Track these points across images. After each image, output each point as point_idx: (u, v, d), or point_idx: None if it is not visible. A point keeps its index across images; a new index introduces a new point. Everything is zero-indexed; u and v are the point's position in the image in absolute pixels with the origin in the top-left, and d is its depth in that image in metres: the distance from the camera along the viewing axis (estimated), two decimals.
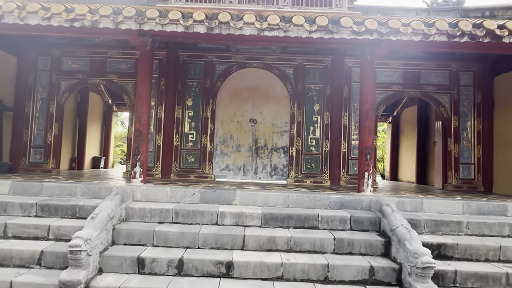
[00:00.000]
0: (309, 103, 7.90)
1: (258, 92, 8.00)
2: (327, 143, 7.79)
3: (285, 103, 7.97)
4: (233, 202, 5.06)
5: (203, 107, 7.86)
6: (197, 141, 7.82)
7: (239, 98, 8.00)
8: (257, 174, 7.88)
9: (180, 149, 7.79)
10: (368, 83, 5.67)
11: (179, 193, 5.09)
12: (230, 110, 7.98)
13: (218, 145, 7.93)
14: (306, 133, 7.84)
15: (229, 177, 7.87)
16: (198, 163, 7.77)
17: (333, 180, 7.66)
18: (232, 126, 7.96)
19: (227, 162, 7.90)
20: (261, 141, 7.93)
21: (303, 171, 7.76)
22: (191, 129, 7.84)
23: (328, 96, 7.89)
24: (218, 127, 7.95)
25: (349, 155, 7.78)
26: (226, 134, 7.95)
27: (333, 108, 7.83)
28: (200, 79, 7.93)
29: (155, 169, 7.67)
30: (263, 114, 7.97)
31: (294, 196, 5.08)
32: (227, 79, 7.99)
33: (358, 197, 5.10)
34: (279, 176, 7.88)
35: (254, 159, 7.90)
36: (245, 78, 8.02)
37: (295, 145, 7.79)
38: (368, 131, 5.60)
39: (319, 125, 7.85)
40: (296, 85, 7.91)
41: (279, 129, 7.95)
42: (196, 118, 7.86)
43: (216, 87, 7.92)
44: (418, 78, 7.98)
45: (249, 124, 7.95)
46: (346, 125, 7.82)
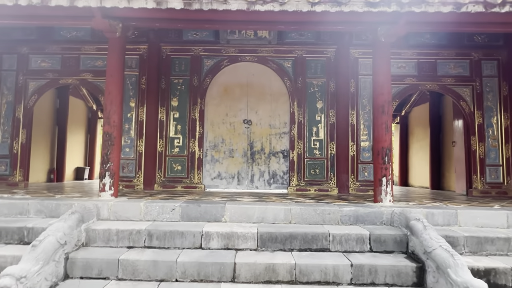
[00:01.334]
0: (311, 100, 7.00)
1: (253, 89, 7.11)
2: (333, 145, 6.87)
3: (284, 100, 7.07)
4: (222, 219, 4.12)
5: (190, 108, 6.96)
6: (184, 146, 6.90)
7: (231, 96, 7.10)
8: (254, 182, 6.95)
9: (164, 156, 6.87)
10: (383, 70, 4.77)
11: (156, 209, 4.16)
12: (221, 110, 7.07)
13: (208, 151, 7.00)
14: (308, 135, 6.93)
15: (222, 186, 6.93)
16: (186, 172, 6.84)
17: (341, 187, 6.72)
18: (224, 129, 7.04)
19: (218, 169, 6.97)
20: (257, 144, 7.01)
21: (306, 178, 6.83)
22: (177, 133, 6.93)
23: (332, 92, 6.99)
24: (207, 130, 7.04)
25: (358, 159, 6.86)
26: (217, 137, 7.03)
27: (338, 106, 6.93)
28: (186, 76, 7.05)
29: (137, 179, 6.74)
30: (258, 114, 7.06)
31: (297, 210, 4.14)
32: (217, 75, 7.11)
33: (377, 209, 4.17)
34: (279, 184, 6.94)
35: (250, 166, 6.97)
36: (237, 73, 7.13)
37: (296, 148, 6.87)
38: (385, 128, 4.68)
39: (323, 125, 6.94)
40: (296, 80, 7.02)
41: (277, 131, 7.04)
42: (182, 120, 6.96)
43: (204, 85, 7.03)
44: (435, 69, 7.10)
45: (243, 126, 7.04)
46: (353, 124, 6.91)
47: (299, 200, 5.02)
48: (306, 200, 5.04)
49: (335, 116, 6.95)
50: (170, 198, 4.98)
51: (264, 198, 5.22)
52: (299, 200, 5.11)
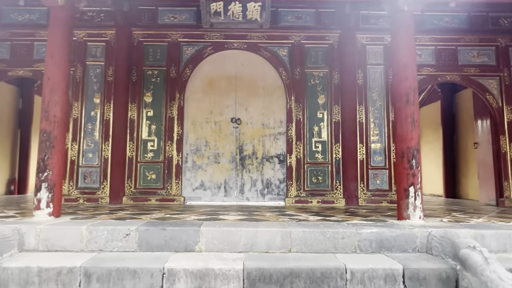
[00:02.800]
0: (311, 95, 5.95)
1: (242, 82, 6.04)
2: (338, 147, 5.80)
3: (279, 95, 6.01)
4: (196, 247, 3.01)
5: (167, 104, 5.87)
6: (159, 151, 5.78)
7: (216, 90, 6.02)
8: (244, 193, 5.84)
9: (135, 162, 5.74)
10: (406, 48, 3.75)
11: (103, 235, 3.03)
12: (204, 107, 5.98)
13: (189, 155, 5.89)
14: (309, 135, 5.86)
15: (205, 198, 5.81)
16: (161, 181, 5.72)
17: (349, 198, 5.64)
18: (208, 129, 5.94)
19: (202, 178, 5.85)
20: (248, 147, 5.92)
21: (307, 188, 5.74)
22: (150, 134, 5.81)
23: (336, 84, 5.95)
24: (188, 131, 5.93)
25: (368, 163, 5.80)
26: (200, 139, 5.93)
27: (344, 101, 5.89)
28: (162, 66, 5.96)
29: (101, 191, 5.59)
30: (249, 112, 5.98)
31: (299, 233, 3.05)
32: (199, 66, 6.03)
33: (407, 231, 3.09)
34: (274, 195, 5.84)
35: (239, 173, 5.87)
36: (223, 63, 6.07)
37: (295, 151, 5.78)
38: (411, 123, 3.63)
39: (326, 124, 5.88)
40: (293, 70, 5.96)
41: (272, 131, 5.95)
42: (157, 119, 5.85)
43: (184, 77, 5.94)
44: (455, 57, 6.11)
45: (231, 126, 5.95)
46: (362, 122, 5.86)
47: (301, 217, 3.92)
48: (309, 217, 3.94)
49: (340, 113, 5.89)
50: (135, 216, 3.86)
51: (256, 215, 4.11)
52: (300, 216, 4.01)
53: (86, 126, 5.78)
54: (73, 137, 5.73)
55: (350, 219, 3.78)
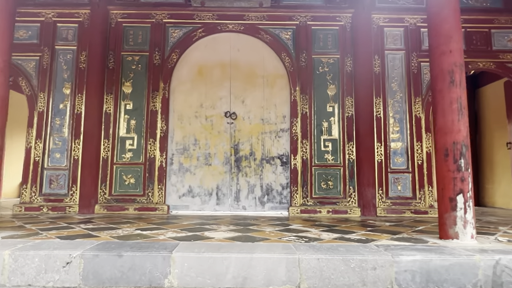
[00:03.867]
0: (319, 85, 5.08)
1: (238, 70, 5.18)
2: (352, 147, 4.93)
3: (282, 85, 5.15)
4: (165, 281, 2.14)
5: (149, 96, 5.01)
6: (139, 150, 4.91)
7: (207, 80, 5.16)
8: (240, 201, 4.95)
9: (111, 164, 4.87)
10: (450, 11, 2.87)
11: (34, 263, 2.16)
12: (193, 99, 5.12)
13: (175, 156, 5.01)
14: (317, 132, 4.98)
15: (194, 207, 4.92)
16: (142, 187, 4.84)
17: (365, 207, 4.75)
18: (197, 125, 5.08)
19: (190, 183, 4.97)
20: (245, 147, 5.04)
21: (315, 195, 4.85)
22: (129, 131, 4.95)
23: (349, 73, 5.08)
24: (174, 127, 5.07)
25: (387, 166, 4.92)
26: (188, 137, 5.06)
27: (358, 92, 5.02)
28: (144, 51, 5.11)
29: (70, 198, 4.72)
30: (246, 105, 5.12)
31: (311, 261, 2.17)
32: (187, 51, 5.18)
33: (465, 259, 2.20)
34: (276, 203, 4.95)
35: (234, 177, 4.99)
36: (216, 48, 5.22)
37: (300, 151, 4.91)
38: (458, 110, 2.77)
39: (337, 119, 5.01)
40: (298, 57, 5.11)
41: (273, 127, 5.08)
42: (138, 113, 4.99)
43: (169, 64, 5.08)
44: (488, 41, 5.25)
45: (224, 121, 5.08)
46: (380, 117, 4.99)
47: (310, 234, 3.04)
48: (321, 234, 3.06)
49: (354, 106, 5.02)
50: (94, 233, 2.97)
51: (252, 230, 3.22)
52: (310, 232, 3.12)
53: (54, 121, 4.92)
54: (37, 133, 4.88)
55: (375, 237, 2.90)
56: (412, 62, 5.12)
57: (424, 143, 4.97)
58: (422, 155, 4.94)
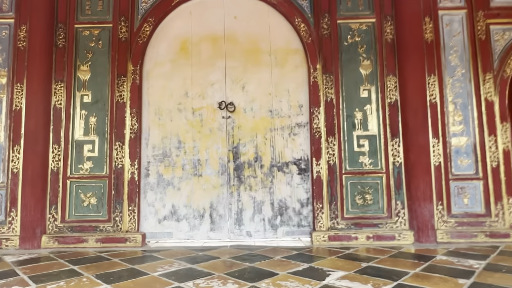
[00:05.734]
0: (349, 60, 3.71)
1: (236, 45, 3.83)
2: (397, 145, 3.56)
3: (296, 63, 3.78)
4: None
5: (114, 83, 3.68)
6: (102, 159, 3.60)
7: (194, 59, 3.81)
8: (242, 224, 3.61)
9: (64, 178, 3.57)
10: None
11: None
12: (175, 86, 3.78)
13: (152, 165, 3.69)
14: (347, 127, 3.62)
15: (180, 235, 3.60)
16: (106, 209, 3.53)
17: (421, 231, 3.39)
18: (182, 121, 3.74)
19: (173, 201, 3.65)
20: (248, 149, 3.70)
21: (348, 214, 3.50)
22: (88, 132, 3.63)
23: (389, 42, 3.70)
24: (150, 125, 3.74)
25: (448, 171, 3.55)
26: (169, 138, 3.72)
27: (403, 69, 3.64)
28: (105, 22, 3.79)
29: (7, 227, 3.45)
30: (248, 92, 3.77)
31: None
32: (166, 20, 3.85)
33: None
34: (293, 226, 3.61)
35: (235, 191, 3.65)
36: (205, 16, 3.87)
37: (325, 154, 3.55)
38: None
39: (374, 107, 3.64)
40: (318, 22, 3.73)
41: (285, 122, 3.73)
42: (99, 108, 3.67)
43: (141, 38, 3.75)
44: None
45: (218, 115, 3.74)
46: (435, 103, 3.61)
47: None
48: None
49: (398, 88, 3.64)
50: None
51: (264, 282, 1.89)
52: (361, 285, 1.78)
53: None
54: None
55: None
56: (478, 24, 3.72)
57: (500, 137, 3.58)
58: (498, 155, 3.55)
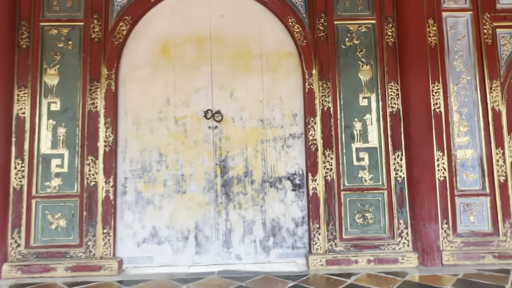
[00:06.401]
0: (347, 65, 3.41)
1: (223, 47, 3.48)
2: (400, 158, 3.29)
3: (290, 68, 3.46)
4: None
5: (86, 89, 3.29)
6: (72, 175, 3.21)
7: (177, 62, 3.44)
8: (231, 247, 3.29)
9: (29, 198, 3.16)
10: None
11: None
12: (156, 92, 3.41)
13: (130, 181, 3.31)
14: (346, 138, 3.33)
15: (161, 259, 3.25)
16: (78, 232, 3.15)
17: (425, 253, 3.15)
18: (163, 132, 3.37)
19: (154, 221, 3.28)
20: (237, 163, 3.36)
21: (348, 234, 3.23)
22: (57, 145, 3.23)
23: (390, 46, 3.42)
24: (127, 136, 3.36)
25: (453, 186, 3.31)
26: (149, 151, 3.35)
27: (405, 75, 3.37)
28: (76, 21, 3.38)
29: None
30: (237, 99, 3.43)
31: None
32: (144, 19, 3.47)
33: None
34: (287, 248, 3.31)
35: (222, 210, 3.31)
36: (189, 14, 3.50)
37: (322, 168, 3.25)
38: None
39: (375, 117, 3.36)
40: (314, 23, 3.41)
41: (278, 133, 3.41)
42: (69, 117, 3.27)
43: (117, 38, 3.35)
44: None
45: (204, 125, 3.39)
46: (439, 112, 3.35)
47: None
48: None
49: (401, 96, 3.37)
50: None
51: None
52: None
53: None
54: None
55: None
56: (484, 27, 3.47)
57: (508, 149, 3.35)
58: (506, 169, 3.33)
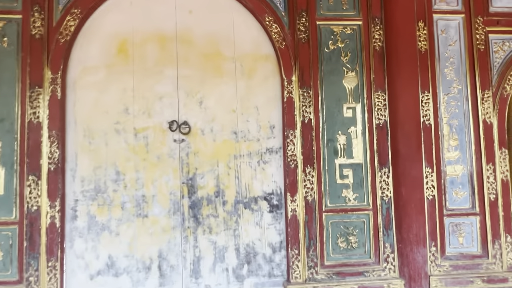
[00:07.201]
0: (330, 71, 3.07)
1: (191, 48, 3.05)
2: (386, 176, 3.01)
3: (267, 73, 3.09)
4: None
5: (25, 95, 2.78)
6: (10, 198, 2.72)
7: (137, 65, 2.98)
8: (200, 276, 2.92)
9: None
10: None
11: None
12: (111, 99, 2.94)
13: (81, 204, 2.85)
14: (328, 153, 3.01)
15: None
16: (16, 266, 2.68)
17: (413, 279, 2.93)
18: (121, 145, 2.93)
19: (110, 250, 2.86)
20: (207, 181, 2.98)
21: (330, 260, 2.93)
22: None
23: (378, 51, 3.10)
24: (77, 151, 2.89)
25: (442, 205, 3.09)
26: (104, 168, 2.90)
27: (394, 83, 3.09)
28: (12, 12, 2.85)
29: None
30: (207, 108, 3.02)
31: None
32: (97, 13, 2.98)
33: None
34: (263, 277, 2.98)
35: (190, 235, 2.93)
36: (151, 8, 3.05)
37: (302, 187, 2.92)
38: None
39: (360, 129, 3.05)
40: (294, 23, 3.04)
41: (254, 147, 3.04)
42: (5, 129, 2.77)
43: (63, 36, 2.85)
44: None
45: (169, 138, 2.97)
46: (429, 124, 3.10)
47: None
48: None
49: (388, 107, 3.07)
50: None
51: None
52: None
53: None
54: None
55: None
56: (476, 32, 3.22)
57: (498, 165, 3.14)
58: (496, 186, 3.12)
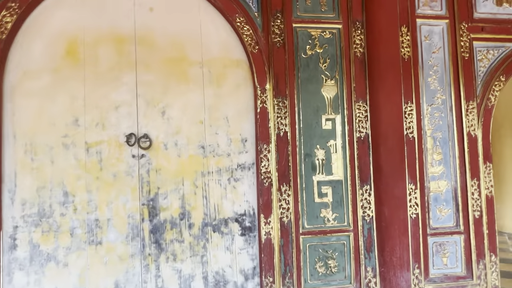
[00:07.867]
0: (308, 79, 2.80)
1: (152, 51, 2.69)
2: (367, 194, 2.79)
3: (238, 80, 2.78)
4: None
5: None
6: None
7: (88, 69, 2.60)
8: None
9: None
10: None
11: None
12: (58, 109, 2.55)
13: (22, 231, 2.46)
14: (306, 170, 2.75)
15: None
16: None
17: None
18: (70, 162, 2.54)
19: (57, 284, 2.48)
20: (170, 202, 2.64)
21: (308, 286, 2.68)
22: None
23: (359, 57, 2.86)
24: (17, 170, 2.48)
25: (425, 223, 2.89)
26: (49, 189, 2.51)
27: (376, 92, 2.85)
28: None
29: None
30: (170, 119, 2.68)
31: None
32: (41, 8, 2.58)
33: None
34: None
35: (151, 264, 2.59)
36: (104, 5, 2.67)
37: (278, 208, 2.64)
38: None
39: (339, 143, 2.81)
40: (267, 25, 2.75)
41: (224, 163, 2.73)
42: None
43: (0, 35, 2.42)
44: None
45: (126, 153, 2.60)
46: (412, 138, 2.88)
47: None
48: None
49: (369, 118, 2.84)
50: None
51: None
52: None
53: None
54: None
55: None
56: (461, 39, 3.04)
57: (483, 180, 2.99)
58: (481, 202, 2.97)
